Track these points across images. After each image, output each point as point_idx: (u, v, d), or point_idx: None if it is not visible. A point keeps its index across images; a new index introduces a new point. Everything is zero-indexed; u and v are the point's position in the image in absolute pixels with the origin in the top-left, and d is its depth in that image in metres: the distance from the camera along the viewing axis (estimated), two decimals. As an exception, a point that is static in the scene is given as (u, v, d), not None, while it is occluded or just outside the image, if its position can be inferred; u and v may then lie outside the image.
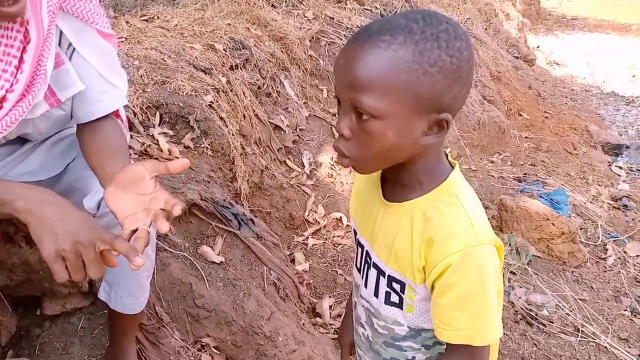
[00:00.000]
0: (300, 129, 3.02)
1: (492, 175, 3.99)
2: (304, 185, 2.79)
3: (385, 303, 0.83)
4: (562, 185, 3.60)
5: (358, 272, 0.90)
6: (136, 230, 0.87)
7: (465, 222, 0.73)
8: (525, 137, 5.00)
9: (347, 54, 0.71)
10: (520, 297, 2.34)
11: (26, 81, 1.01)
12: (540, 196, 3.15)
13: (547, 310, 2.31)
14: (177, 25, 2.90)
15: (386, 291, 0.82)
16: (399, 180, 0.79)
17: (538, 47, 8.18)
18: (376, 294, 0.85)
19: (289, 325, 1.74)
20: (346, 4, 4.50)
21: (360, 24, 4.20)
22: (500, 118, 4.95)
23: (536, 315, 2.25)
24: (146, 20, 2.91)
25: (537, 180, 3.67)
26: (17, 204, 0.88)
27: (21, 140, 1.24)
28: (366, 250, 0.87)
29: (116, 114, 1.21)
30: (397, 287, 0.81)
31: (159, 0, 3.30)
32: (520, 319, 2.26)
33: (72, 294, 1.52)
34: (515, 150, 4.82)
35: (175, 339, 1.55)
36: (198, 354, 1.57)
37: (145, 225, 0.88)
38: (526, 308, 2.28)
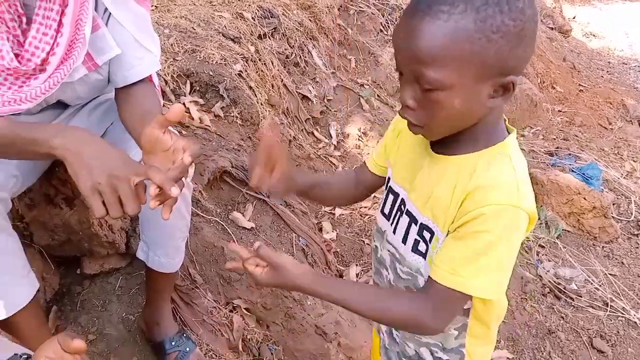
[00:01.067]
0: (328, 100, 3.01)
1: (523, 149, 3.90)
2: (331, 156, 2.80)
3: (412, 250, 0.84)
4: (596, 160, 3.52)
5: (386, 219, 0.91)
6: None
7: (512, 182, 0.74)
8: (559, 111, 4.88)
9: (407, 27, 0.70)
10: (548, 271, 2.33)
11: (66, 44, 1.04)
12: (572, 170, 3.09)
13: (576, 284, 2.30)
14: (206, -7, 2.90)
15: (415, 239, 0.84)
16: (453, 136, 0.78)
17: (574, 17, 7.87)
18: (404, 241, 0.86)
19: (317, 290, 1.77)
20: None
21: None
22: (533, 91, 4.83)
23: (564, 288, 2.24)
24: (176, -11, 2.91)
25: (570, 154, 3.60)
26: (54, 141, 0.90)
27: (62, 106, 1.27)
28: (401, 198, 0.88)
29: (149, 78, 1.23)
30: (427, 235, 0.82)
31: (188, -31, 3.29)
32: (548, 292, 2.25)
33: (110, 255, 1.58)
34: (548, 124, 4.71)
35: (208, 299, 1.60)
36: (229, 315, 1.62)
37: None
38: (554, 281, 2.27)
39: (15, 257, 1.11)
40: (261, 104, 2.42)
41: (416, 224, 0.83)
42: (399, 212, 0.88)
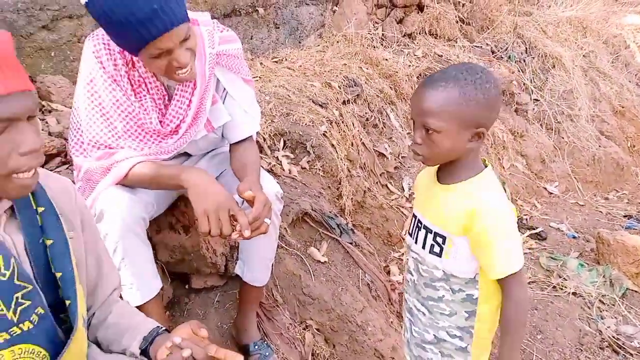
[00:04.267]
0: (402, 157, 3.34)
1: (600, 211, 3.93)
2: (402, 207, 3.09)
3: (430, 252, 1.21)
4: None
5: (410, 236, 1.29)
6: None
7: (498, 196, 1.15)
8: (648, 176, 4.78)
9: (418, 93, 1.13)
10: (609, 327, 2.39)
11: (193, 114, 1.48)
12: (647, 233, 3.10)
13: (638, 342, 2.34)
14: (301, 65, 3.42)
15: (431, 244, 1.21)
16: (448, 170, 1.18)
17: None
18: (423, 247, 1.23)
19: (378, 319, 2.05)
20: (456, 42, 4.75)
21: (467, 60, 4.43)
22: (619, 154, 4.80)
23: (624, 344, 2.30)
24: (276, 62, 3.47)
25: (650, 218, 3.57)
26: (182, 176, 1.33)
27: (186, 154, 1.73)
28: (418, 219, 1.27)
29: (252, 137, 1.66)
30: (439, 240, 1.19)
31: (287, 44, 3.87)
32: (607, 346, 2.32)
33: (212, 274, 1.99)
34: (636, 189, 4.64)
35: (286, 317, 1.94)
36: (303, 332, 1.94)
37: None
38: (614, 337, 2.34)
39: (148, 261, 1.50)
40: (341, 159, 2.81)
41: (431, 233, 1.20)
42: (417, 228, 1.26)
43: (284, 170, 2.57)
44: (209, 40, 1.47)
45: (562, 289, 2.74)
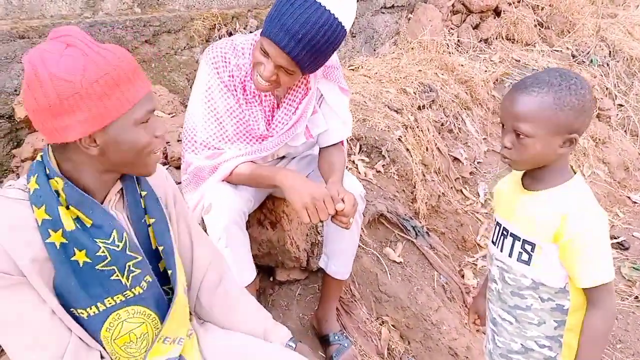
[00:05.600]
0: (477, 162, 3.34)
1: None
2: (477, 212, 3.10)
3: (517, 260, 1.20)
4: None
5: (493, 244, 1.29)
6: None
7: (590, 201, 1.14)
8: None
9: (511, 96, 1.12)
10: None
11: (294, 121, 1.62)
12: None
13: None
14: (376, 73, 3.52)
15: (519, 252, 1.20)
16: (536, 176, 1.18)
17: None
18: (510, 255, 1.22)
19: (453, 319, 2.10)
20: (534, 47, 4.65)
21: (547, 65, 4.34)
22: None
23: None
24: (353, 70, 3.60)
25: None
26: (277, 177, 1.48)
27: (282, 157, 1.87)
28: (503, 227, 1.26)
29: (341, 142, 1.78)
30: (528, 247, 1.18)
31: (363, 52, 3.99)
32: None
33: (295, 268, 2.13)
34: None
35: (363, 312, 2.04)
36: (379, 327, 2.03)
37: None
38: None
39: (247, 250, 1.65)
40: (415, 163, 2.87)
41: (519, 241, 1.20)
42: (502, 236, 1.26)
43: (359, 173, 2.68)
44: None
45: (645, 300, 2.64)
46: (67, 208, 0.96)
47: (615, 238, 3.29)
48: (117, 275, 1.01)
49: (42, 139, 2.01)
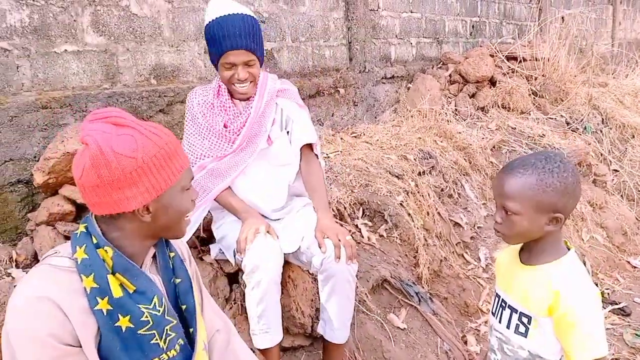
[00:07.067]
0: (478, 227, 3.41)
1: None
2: (479, 277, 3.13)
3: (515, 332, 1.25)
4: None
5: (493, 315, 1.34)
6: None
7: (584, 279, 1.19)
8: None
9: (500, 177, 1.23)
10: None
11: (250, 124, 1.89)
12: None
13: None
14: (378, 139, 3.66)
15: (517, 324, 1.25)
16: (532, 251, 1.25)
17: None
18: (508, 326, 1.28)
19: (457, 388, 2.09)
20: (529, 115, 4.84)
21: (541, 132, 4.50)
22: None
23: None
24: (355, 137, 3.74)
25: None
26: (242, 214, 1.83)
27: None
28: (502, 298, 1.31)
29: (313, 150, 2.02)
30: (525, 320, 1.23)
31: (364, 119, 4.16)
32: None
33: (299, 334, 2.15)
34: None
35: (367, 379, 2.04)
36: (383, 395, 2.02)
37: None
38: None
39: (280, 312, 1.81)
40: (417, 228, 2.94)
41: (516, 313, 1.26)
42: (501, 308, 1.31)
43: (363, 237, 2.75)
44: (272, 80, 1.99)
45: (651, 369, 2.62)
46: (113, 275, 1.03)
47: (617, 304, 3.30)
48: (156, 339, 1.07)
49: (58, 204, 2.09)
